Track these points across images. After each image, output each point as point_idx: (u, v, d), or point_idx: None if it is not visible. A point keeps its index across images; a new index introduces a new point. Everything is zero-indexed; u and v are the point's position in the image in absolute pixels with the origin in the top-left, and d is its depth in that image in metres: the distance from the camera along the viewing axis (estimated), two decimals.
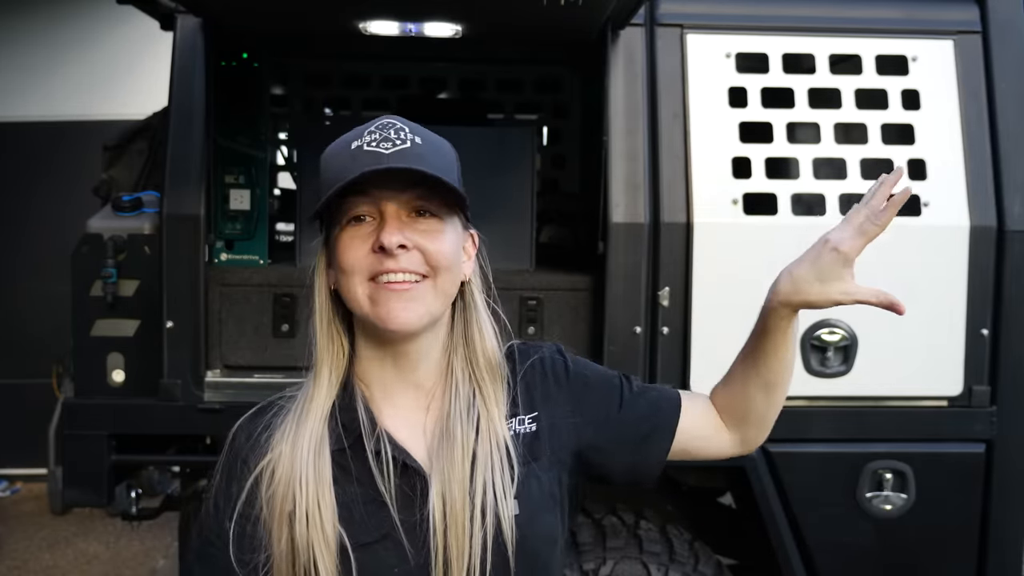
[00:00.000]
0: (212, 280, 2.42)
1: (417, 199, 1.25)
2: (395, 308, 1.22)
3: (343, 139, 1.30)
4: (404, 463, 1.25)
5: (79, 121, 5.72)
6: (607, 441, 1.38)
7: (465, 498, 1.23)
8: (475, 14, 2.28)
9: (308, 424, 1.26)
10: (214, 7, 2.29)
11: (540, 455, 1.32)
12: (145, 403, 2.36)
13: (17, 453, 5.54)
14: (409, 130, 1.28)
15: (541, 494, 1.30)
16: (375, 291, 1.23)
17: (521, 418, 1.33)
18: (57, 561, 4.66)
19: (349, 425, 1.27)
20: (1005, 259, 2.39)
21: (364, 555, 1.22)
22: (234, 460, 1.30)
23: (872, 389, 2.39)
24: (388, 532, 1.23)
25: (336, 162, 1.28)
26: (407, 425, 1.30)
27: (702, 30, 2.42)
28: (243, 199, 2.54)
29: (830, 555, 2.42)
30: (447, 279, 1.27)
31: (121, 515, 2.78)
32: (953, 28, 2.46)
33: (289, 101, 3.43)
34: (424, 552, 1.22)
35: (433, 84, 3.48)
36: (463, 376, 1.31)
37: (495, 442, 1.27)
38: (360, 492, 1.24)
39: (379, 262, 1.22)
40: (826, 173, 2.42)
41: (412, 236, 1.23)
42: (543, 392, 1.36)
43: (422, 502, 1.24)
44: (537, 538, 1.27)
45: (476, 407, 1.29)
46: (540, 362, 1.38)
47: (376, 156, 1.23)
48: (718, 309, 2.36)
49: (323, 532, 1.21)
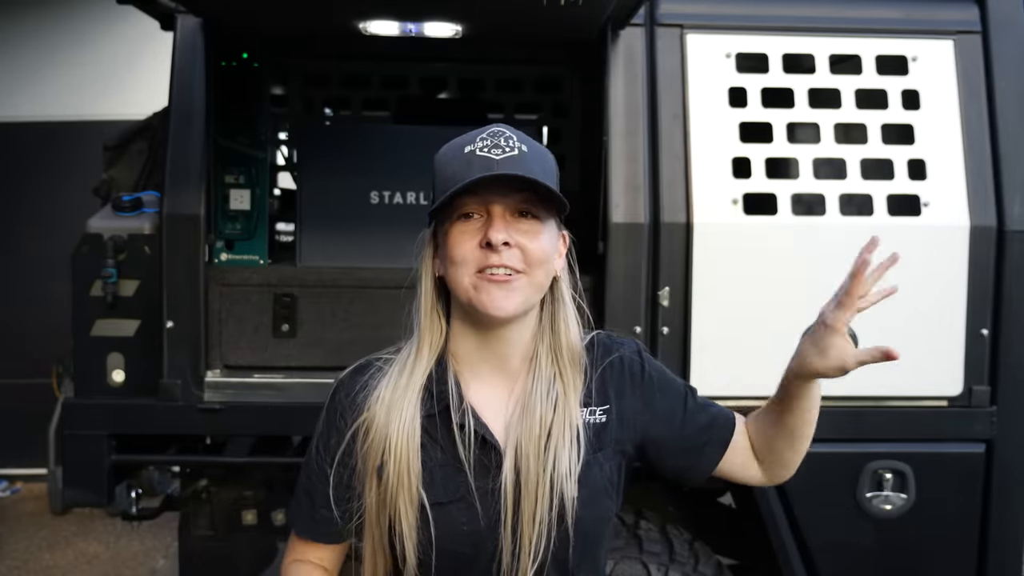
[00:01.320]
0: (212, 280, 2.42)
1: (521, 202, 1.40)
2: (496, 296, 1.37)
3: (456, 143, 1.43)
4: (484, 437, 1.42)
5: (78, 121, 5.72)
6: (668, 442, 1.53)
7: (539, 470, 1.38)
8: (475, 14, 2.28)
9: (404, 392, 1.42)
10: (214, 7, 2.29)
11: (605, 445, 1.47)
12: (145, 403, 2.36)
13: (17, 453, 5.54)
14: (517, 138, 1.41)
15: (601, 480, 1.45)
16: (479, 281, 1.38)
17: (593, 408, 1.48)
18: (57, 561, 4.66)
19: (439, 396, 1.43)
20: (1005, 259, 2.39)
21: (440, 513, 1.39)
22: (334, 413, 1.49)
23: (872, 389, 2.39)
24: (463, 495, 1.40)
25: (451, 164, 1.40)
26: (490, 402, 1.46)
27: (702, 30, 2.42)
28: (243, 199, 2.54)
29: (830, 555, 2.42)
30: (541, 274, 1.41)
31: (121, 515, 2.78)
32: (953, 28, 2.46)
33: (289, 101, 3.43)
34: (494, 515, 1.39)
35: (433, 84, 3.48)
36: (547, 361, 1.45)
37: (568, 423, 1.42)
38: (441, 458, 1.42)
39: (485, 256, 1.37)
40: (826, 173, 2.42)
41: (515, 235, 1.38)
42: (617, 388, 1.51)
43: (496, 472, 1.40)
44: (593, 519, 1.43)
45: (555, 390, 1.43)
46: (620, 360, 1.52)
47: (488, 161, 1.37)
48: (718, 309, 2.36)
49: (409, 492, 1.38)
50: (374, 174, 2.57)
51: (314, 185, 2.59)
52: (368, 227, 2.55)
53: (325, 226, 2.56)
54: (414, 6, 2.21)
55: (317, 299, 2.44)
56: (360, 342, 2.44)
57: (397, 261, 2.46)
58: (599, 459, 1.46)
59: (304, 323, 2.44)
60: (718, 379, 2.38)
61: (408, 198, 2.57)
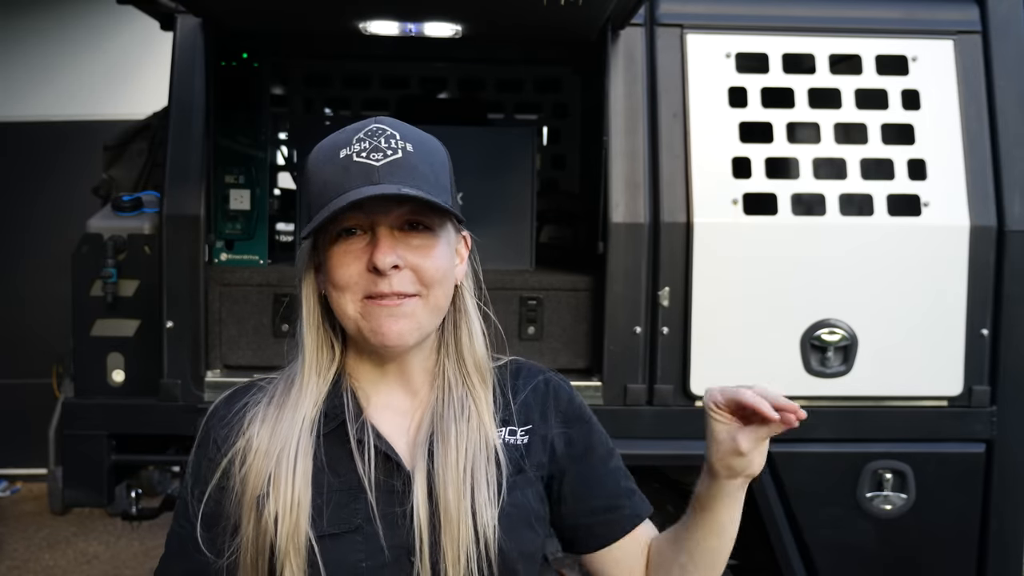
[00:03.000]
0: (212, 280, 2.42)
1: (410, 213, 1.20)
2: (386, 324, 1.20)
3: (330, 143, 1.23)
4: (386, 454, 1.23)
5: (79, 121, 5.72)
6: (575, 489, 1.34)
7: (460, 498, 1.20)
8: (475, 14, 2.28)
9: (291, 411, 1.24)
10: (214, 7, 2.29)
11: (526, 469, 1.30)
12: (145, 403, 2.36)
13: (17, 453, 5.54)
14: (400, 136, 1.22)
15: (524, 506, 1.28)
16: (366, 308, 1.20)
17: (513, 429, 1.31)
18: (57, 561, 4.66)
19: (331, 412, 1.25)
20: (1005, 259, 2.39)
21: (332, 547, 1.19)
22: (206, 440, 1.30)
23: (872, 389, 2.39)
24: (360, 525, 1.20)
25: (325, 171, 1.21)
26: (393, 421, 1.28)
27: (702, 30, 2.42)
28: (243, 199, 2.54)
29: (830, 555, 2.42)
30: (439, 293, 1.24)
31: (121, 515, 2.78)
32: (953, 28, 2.46)
33: (289, 101, 3.43)
34: (404, 546, 1.20)
35: (433, 84, 3.48)
36: (455, 377, 1.29)
37: (485, 442, 1.26)
38: (336, 483, 1.22)
39: (373, 282, 1.19)
40: (826, 173, 2.42)
41: (405, 254, 1.20)
42: (542, 409, 1.34)
43: (404, 495, 1.21)
44: (516, 552, 1.24)
45: (467, 406, 1.27)
46: (545, 382, 1.36)
47: (367, 169, 1.18)
48: (718, 309, 2.36)
49: (295, 525, 1.18)
50: None
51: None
52: None
53: None
54: (414, 6, 2.21)
55: None
56: None
57: None
58: (519, 483, 1.28)
59: None
60: (718, 379, 2.36)
61: None
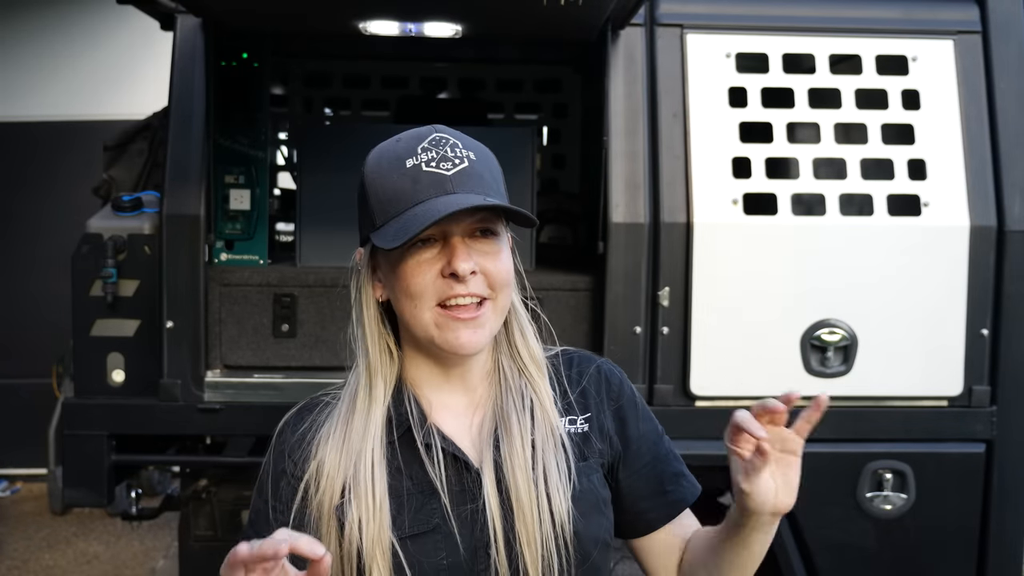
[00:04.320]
0: (212, 280, 2.42)
1: (479, 221, 1.25)
2: (464, 335, 1.24)
3: (391, 152, 1.27)
4: (454, 455, 1.28)
5: (79, 121, 5.72)
6: (625, 473, 1.39)
7: (530, 486, 1.25)
8: (475, 14, 2.28)
9: (361, 424, 1.28)
10: (214, 7, 2.29)
11: (589, 456, 1.35)
12: (145, 403, 2.36)
13: (17, 453, 5.54)
14: (462, 145, 1.27)
15: (592, 493, 1.32)
16: (442, 319, 1.24)
17: (573, 418, 1.36)
18: (57, 561, 4.66)
19: (399, 421, 1.30)
20: (1005, 259, 2.39)
21: (414, 547, 1.24)
22: (281, 457, 1.33)
23: (872, 389, 2.39)
24: (438, 524, 1.25)
25: (393, 180, 1.24)
26: (456, 421, 1.33)
27: (702, 30, 2.42)
28: (243, 199, 2.54)
29: (830, 555, 2.42)
30: (505, 296, 1.29)
31: (121, 515, 2.78)
32: (953, 28, 2.46)
33: (289, 101, 3.43)
34: (480, 542, 1.25)
35: (433, 84, 3.48)
36: (512, 372, 1.34)
37: (550, 430, 1.31)
38: (411, 487, 1.27)
39: (448, 287, 1.23)
40: (826, 173, 2.42)
41: (478, 259, 1.25)
42: (597, 398, 1.39)
43: (474, 493, 1.26)
44: (590, 538, 1.29)
45: (528, 397, 1.32)
46: (597, 369, 1.41)
47: (439, 179, 1.22)
48: (718, 309, 2.36)
49: (379, 531, 1.22)
50: None
51: (314, 185, 2.59)
52: None
53: (325, 226, 2.56)
54: (414, 6, 2.21)
55: (317, 299, 2.44)
56: None
57: None
58: (585, 470, 1.33)
59: (304, 323, 2.44)
60: (718, 379, 2.38)
61: None
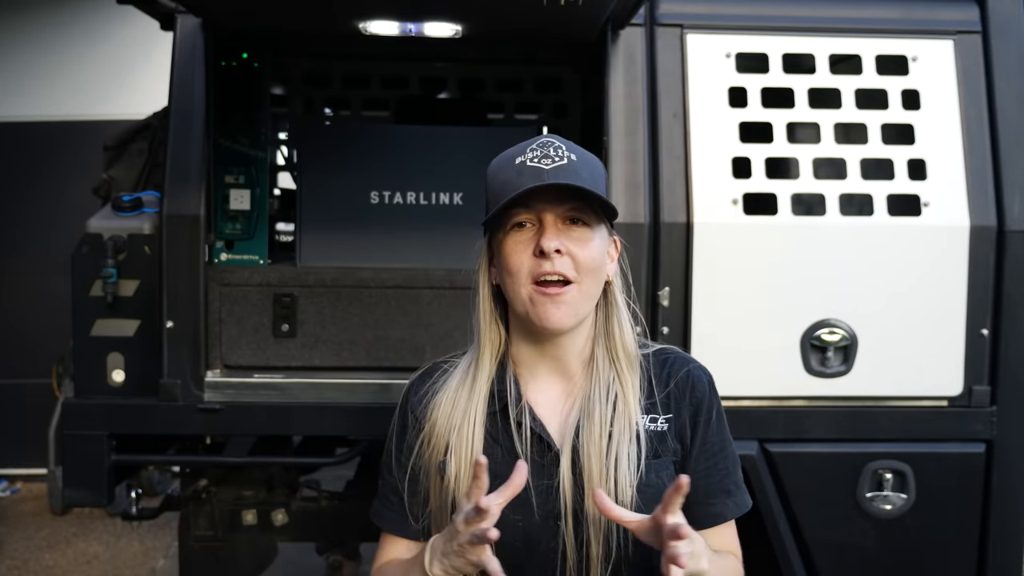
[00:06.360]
0: (212, 280, 2.42)
1: (571, 210, 1.44)
2: (550, 310, 1.43)
3: (508, 154, 1.48)
4: (539, 435, 1.47)
5: (79, 121, 5.72)
6: (686, 473, 1.46)
7: (603, 469, 1.41)
8: (475, 14, 2.28)
9: (466, 394, 1.49)
10: (214, 7, 2.29)
11: (663, 454, 1.49)
12: (145, 403, 2.36)
13: (17, 453, 5.54)
14: (566, 148, 1.46)
15: (659, 487, 1.43)
16: (535, 295, 1.43)
17: (655, 416, 1.50)
18: (57, 561, 4.66)
19: (500, 396, 1.50)
20: (1005, 259, 2.39)
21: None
22: (406, 413, 1.57)
23: (872, 389, 2.39)
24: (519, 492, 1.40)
25: (503, 175, 1.45)
26: (548, 402, 1.51)
27: (702, 30, 2.42)
28: (243, 199, 2.54)
29: (830, 555, 2.42)
30: (592, 281, 1.46)
31: (121, 515, 2.78)
32: (953, 28, 2.46)
33: (289, 101, 3.43)
34: (552, 513, 1.43)
35: (433, 84, 3.48)
36: (604, 363, 1.50)
37: (628, 423, 1.46)
38: (500, 455, 1.47)
39: (538, 264, 1.42)
40: (826, 173, 2.42)
41: (566, 242, 1.43)
42: (681, 400, 1.53)
43: (552, 470, 1.45)
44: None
45: (614, 390, 1.48)
46: (687, 374, 1.55)
47: (538, 172, 1.42)
48: (718, 309, 2.36)
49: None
50: (374, 174, 2.57)
51: (314, 185, 2.59)
52: (368, 227, 2.55)
53: (325, 226, 2.56)
54: (414, 6, 2.21)
55: (317, 299, 2.44)
56: (360, 342, 2.44)
57: (397, 261, 2.48)
58: (656, 466, 1.47)
59: (304, 323, 2.44)
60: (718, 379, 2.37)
61: (408, 198, 2.57)
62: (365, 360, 2.45)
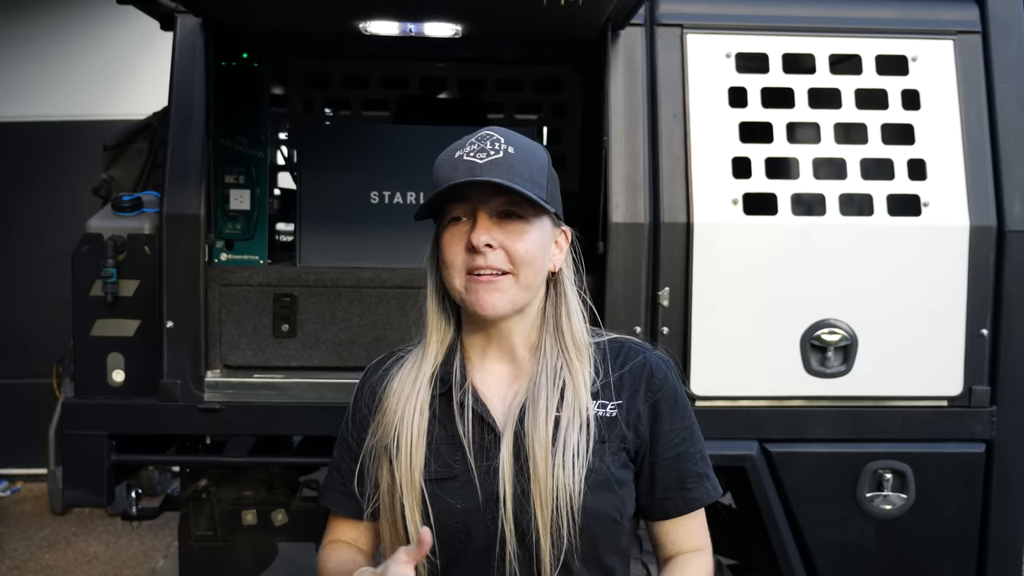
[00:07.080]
0: (212, 280, 2.42)
1: (505, 204, 1.45)
2: (482, 296, 1.44)
3: (452, 147, 1.49)
4: (481, 416, 1.48)
5: (79, 121, 5.72)
6: (651, 463, 1.53)
7: (547, 456, 1.42)
8: (475, 14, 2.28)
9: (413, 378, 1.52)
10: (214, 8, 2.29)
11: (611, 440, 1.49)
12: (145, 403, 2.36)
13: (17, 453, 5.55)
14: (504, 140, 1.46)
15: (605, 472, 1.46)
16: (468, 283, 1.45)
17: (604, 402, 1.50)
18: (57, 561, 4.66)
19: (445, 378, 1.52)
20: (1005, 259, 2.39)
21: (437, 489, 1.45)
22: (360, 395, 1.60)
23: (872, 389, 2.39)
24: (458, 474, 1.46)
25: (441, 169, 1.46)
26: (495, 387, 1.53)
27: (702, 30, 2.42)
28: (243, 199, 2.54)
29: (830, 555, 2.42)
30: (529, 273, 1.46)
31: (121, 515, 2.78)
32: (953, 28, 2.46)
33: (289, 101, 3.43)
34: (492, 495, 1.43)
35: (433, 84, 3.48)
36: (552, 351, 1.50)
37: (578, 410, 1.46)
38: (442, 435, 1.49)
39: (471, 259, 1.44)
40: (826, 173, 2.42)
41: (498, 236, 1.44)
42: (636, 387, 1.52)
43: (493, 453, 1.46)
44: (597, 513, 1.44)
45: (562, 378, 1.48)
46: (643, 362, 1.54)
47: (471, 166, 1.42)
48: (718, 309, 2.36)
49: (411, 469, 1.45)
50: (374, 174, 2.57)
51: (314, 185, 2.59)
52: (368, 227, 2.55)
53: (325, 226, 2.56)
54: (414, 6, 2.21)
55: (317, 299, 2.44)
56: (360, 342, 2.44)
57: (397, 261, 2.47)
58: (602, 451, 1.47)
59: (304, 323, 2.44)
60: (718, 379, 2.38)
61: (408, 198, 2.57)
62: (365, 360, 2.41)
